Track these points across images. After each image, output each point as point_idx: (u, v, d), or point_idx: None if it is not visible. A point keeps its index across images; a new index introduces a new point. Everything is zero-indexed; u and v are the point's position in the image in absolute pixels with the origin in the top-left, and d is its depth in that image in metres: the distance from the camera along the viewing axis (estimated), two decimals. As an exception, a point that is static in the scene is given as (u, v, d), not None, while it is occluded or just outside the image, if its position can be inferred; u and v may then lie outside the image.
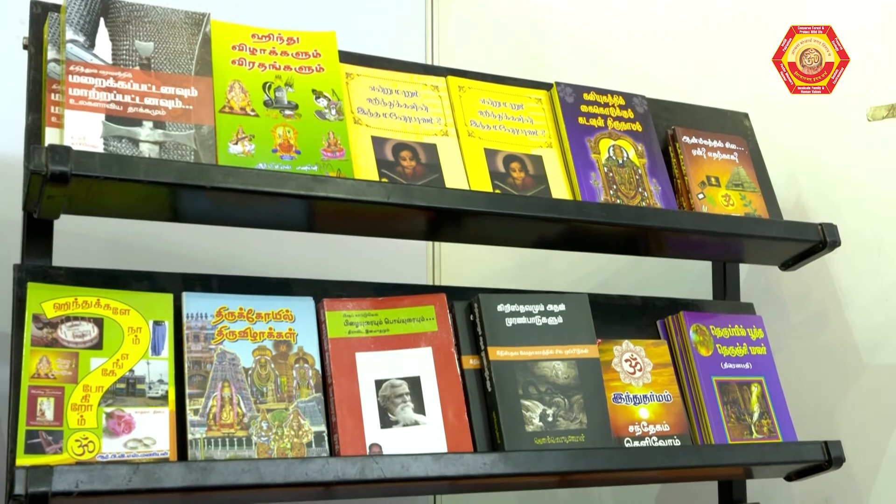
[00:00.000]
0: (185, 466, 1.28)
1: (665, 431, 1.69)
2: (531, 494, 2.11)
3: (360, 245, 1.94)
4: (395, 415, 1.49)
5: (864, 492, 1.91)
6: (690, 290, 2.09)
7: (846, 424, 1.93)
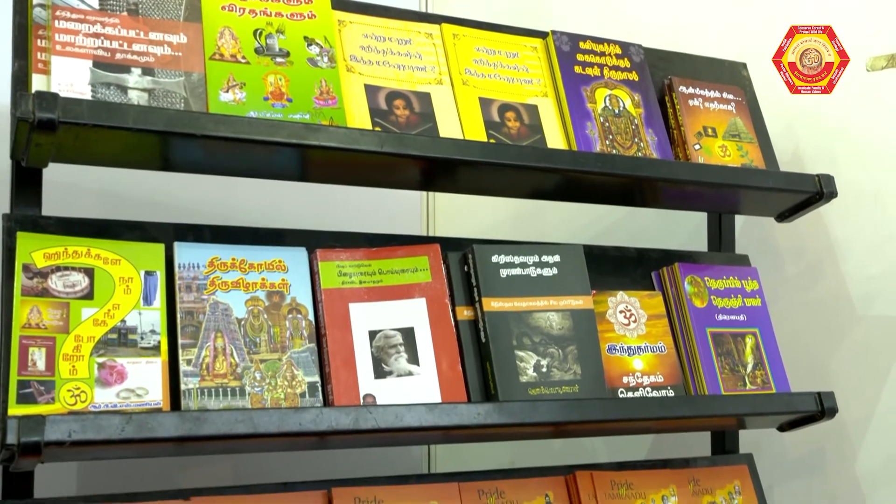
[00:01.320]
0: (178, 416, 1.27)
1: (659, 382, 1.69)
2: (525, 445, 2.11)
3: (353, 195, 1.92)
4: (388, 365, 1.48)
5: (855, 442, 1.92)
6: (685, 242, 2.09)
7: (839, 376, 1.93)
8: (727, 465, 1.86)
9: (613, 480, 1.70)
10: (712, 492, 1.81)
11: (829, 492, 1.96)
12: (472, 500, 1.59)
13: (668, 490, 1.75)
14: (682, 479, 1.78)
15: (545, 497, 1.65)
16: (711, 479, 1.82)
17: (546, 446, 2.22)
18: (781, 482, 2.01)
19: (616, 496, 1.69)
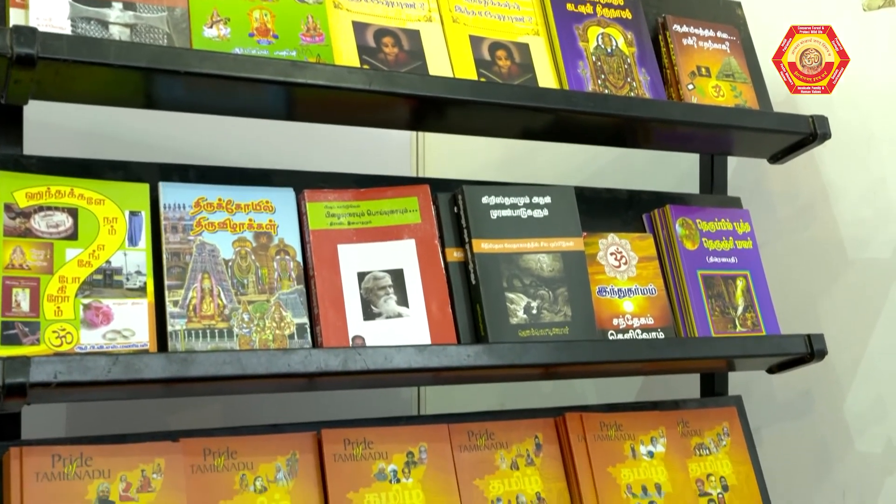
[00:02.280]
0: (165, 358, 1.26)
1: (649, 324, 1.69)
2: (514, 387, 2.12)
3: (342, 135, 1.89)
4: (377, 307, 1.47)
5: (844, 385, 1.93)
6: (677, 184, 2.07)
7: (829, 318, 1.94)
8: (716, 408, 1.87)
9: (603, 422, 1.70)
10: (701, 433, 1.82)
11: (817, 434, 1.97)
12: (461, 442, 1.59)
13: (657, 432, 1.76)
14: (670, 421, 1.79)
15: (534, 438, 1.65)
16: (700, 421, 1.83)
17: (536, 388, 2.23)
18: (769, 424, 2.02)
19: (605, 438, 1.69)
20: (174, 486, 1.35)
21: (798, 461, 1.98)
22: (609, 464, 1.67)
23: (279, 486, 1.43)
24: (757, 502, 1.80)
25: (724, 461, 1.81)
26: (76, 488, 1.29)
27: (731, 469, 1.81)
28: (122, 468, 1.33)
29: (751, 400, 1.92)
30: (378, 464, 1.50)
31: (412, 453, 1.53)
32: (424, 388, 2.23)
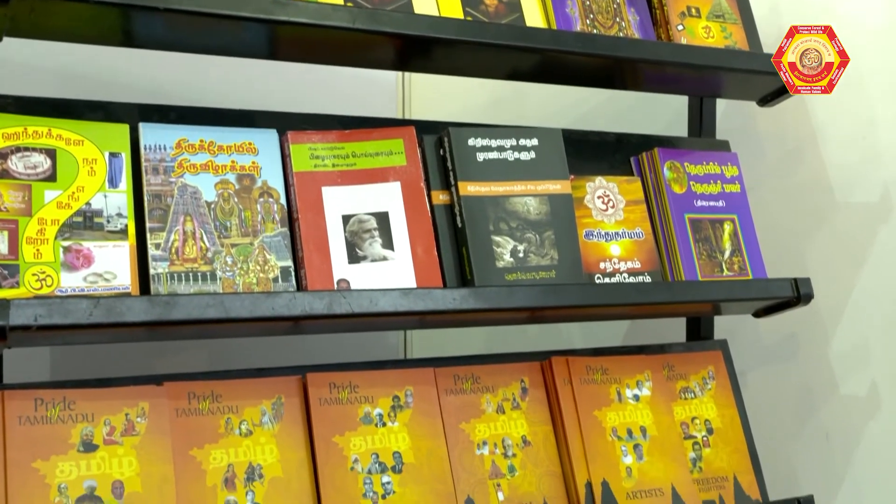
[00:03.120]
0: (147, 301, 1.25)
1: (636, 268, 1.68)
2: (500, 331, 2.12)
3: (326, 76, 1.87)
4: (362, 250, 1.46)
5: (829, 329, 1.93)
6: (666, 127, 2.05)
7: (816, 262, 1.93)
8: (702, 352, 1.87)
9: (589, 366, 1.70)
10: (686, 377, 1.82)
11: (802, 377, 1.98)
12: (447, 386, 1.59)
13: (643, 375, 1.76)
14: (656, 364, 1.79)
15: (520, 382, 1.65)
16: (686, 364, 1.83)
17: (522, 333, 2.23)
18: (755, 368, 2.03)
19: (591, 381, 1.69)
20: (159, 429, 1.34)
21: (782, 404, 1.99)
22: (595, 407, 1.68)
23: (265, 429, 1.43)
24: (741, 445, 1.81)
25: (709, 404, 1.82)
26: (59, 432, 1.28)
27: (716, 412, 1.82)
28: (105, 412, 1.32)
29: (736, 344, 1.92)
30: (364, 407, 1.50)
31: (398, 397, 1.53)
32: (411, 332, 2.23)
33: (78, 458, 1.28)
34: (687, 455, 1.75)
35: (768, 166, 2.00)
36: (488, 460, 1.57)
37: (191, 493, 1.35)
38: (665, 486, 1.69)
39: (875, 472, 1.87)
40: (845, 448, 1.90)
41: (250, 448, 1.41)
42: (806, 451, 1.95)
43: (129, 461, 1.31)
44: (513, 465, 1.59)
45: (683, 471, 1.72)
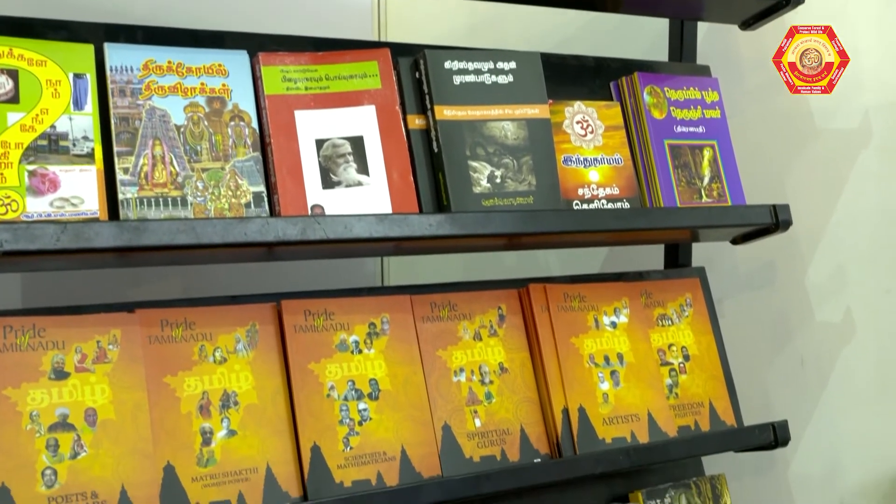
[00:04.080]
0: (116, 226, 1.22)
1: (615, 195, 1.66)
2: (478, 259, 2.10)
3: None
4: (337, 175, 1.43)
5: (806, 256, 1.93)
6: (646, 52, 2.02)
7: (795, 189, 1.92)
8: (679, 279, 1.87)
9: (566, 293, 1.70)
10: (664, 304, 1.82)
11: (779, 304, 1.98)
12: (424, 313, 1.58)
13: (621, 303, 1.76)
14: (634, 291, 1.79)
15: (498, 310, 1.64)
16: (663, 291, 1.83)
17: (499, 260, 2.21)
18: (732, 295, 2.03)
19: (569, 308, 1.69)
20: (131, 357, 1.33)
21: (758, 331, 2.00)
22: (572, 334, 1.68)
23: (239, 357, 1.41)
24: (717, 371, 1.82)
25: (686, 331, 1.82)
26: (29, 359, 1.26)
27: (693, 339, 1.82)
28: (76, 339, 1.30)
29: (714, 271, 1.92)
30: (339, 335, 1.49)
31: (374, 324, 1.52)
32: (388, 259, 2.21)
33: (49, 386, 1.27)
34: (663, 381, 1.75)
35: (749, 92, 1.98)
36: (465, 387, 1.57)
37: (165, 421, 1.34)
38: (641, 411, 1.69)
39: (848, 397, 1.89)
40: (820, 374, 1.92)
41: (225, 375, 1.40)
42: (781, 376, 1.97)
43: (101, 389, 1.30)
44: (490, 392, 1.58)
45: (660, 397, 1.72)
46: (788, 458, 1.94)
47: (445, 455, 1.51)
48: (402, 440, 1.48)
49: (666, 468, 1.82)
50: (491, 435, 1.56)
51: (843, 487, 1.88)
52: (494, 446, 1.55)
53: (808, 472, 1.92)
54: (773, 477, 1.96)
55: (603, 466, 1.57)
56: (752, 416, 1.83)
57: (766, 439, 1.73)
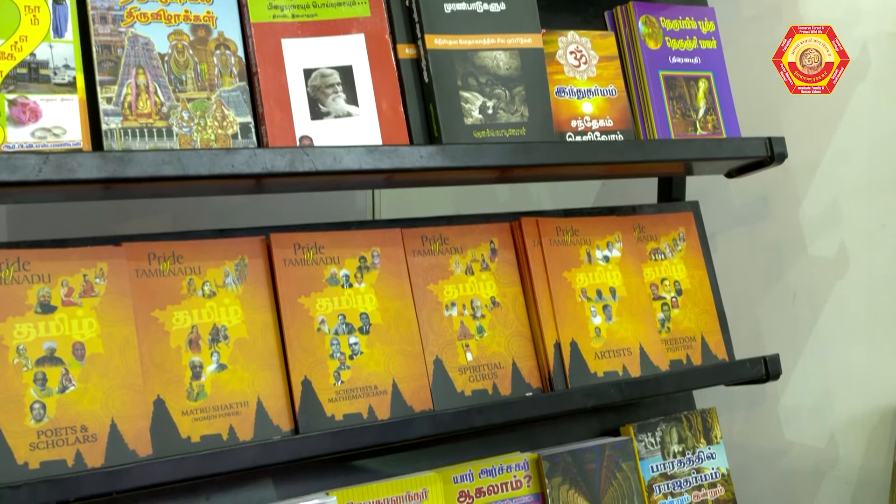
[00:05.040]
0: (100, 157, 1.19)
1: (608, 126, 1.64)
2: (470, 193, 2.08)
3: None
4: (325, 106, 1.40)
5: (801, 190, 1.92)
6: (641, -19, 1.97)
7: (790, 122, 1.90)
8: (673, 213, 1.85)
9: (559, 227, 1.68)
10: (657, 238, 1.81)
11: (772, 239, 1.97)
12: (415, 247, 1.56)
13: (614, 237, 1.74)
14: (627, 226, 1.77)
15: (490, 244, 1.63)
16: (656, 226, 1.81)
17: (491, 194, 2.20)
18: (725, 230, 2.01)
19: (561, 243, 1.67)
20: (119, 290, 1.31)
21: (751, 266, 1.99)
22: (564, 268, 1.66)
23: (228, 290, 1.40)
24: (709, 306, 1.81)
25: (679, 266, 1.81)
26: (15, 293, 1.25)
27: (686, 273, 1.81)
28: (62, 273, 1.29)
29: (707, 205, 1.90)
30: (330, 268, 1.47)
31: (364, 258, 1.50)
32: (379, 194, 2.19)
33: (36, 320, 1.25)
34: (655, 316, 1.75)
35: (746, 22, 1.94)
36: (457, 321, 1.56)
37: (154, 355, 1.33)
38: (633, 346, 1.69)
39: (840, 331, 1.89)
40: (812, 308, 1.91)
41: (214, 309, 1.38)
42: (773, 311, 1.96)
43: (88, 322, 1.28)
44: (481, 326, 1.58)
45: (652, 331, 1.72)
46: (779, 392, 1.95)
47: (437, 389, 1.50)
48: (393, 374, 1.47)
49: (657, 402, 1.83)
50: (482, 369, 1.55)
51: (833, 420, 1.89)
52: (486, 380, 1.55)
53: (798, 405, 1.93)
54: (763, 410, 1.97)
55: (594, 400, 1.57)
56: (744, 351, 1.83)
57: (758, 373, 1.73)
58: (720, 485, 1.76)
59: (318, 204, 1.90)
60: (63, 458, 1.22)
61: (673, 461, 1.72)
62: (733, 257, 1.99)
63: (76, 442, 1.23)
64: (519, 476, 1.58)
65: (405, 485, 1.47)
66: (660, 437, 1.72)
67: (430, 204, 2.08)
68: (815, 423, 1.91)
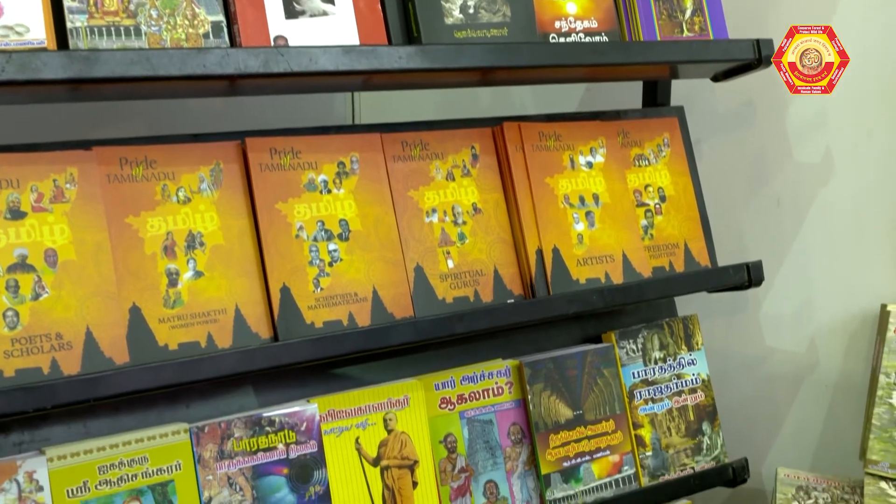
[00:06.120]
0: (66, 56, 1.15)
1: (592, 28, 1.59)
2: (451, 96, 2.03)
3: None
4: (300, 4, 1.35)
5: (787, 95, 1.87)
6: None
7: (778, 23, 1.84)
8: (657, 118, 1.82)
9: (542, 132, 1.65)
10: (641, 144, 1.78)
11: (757, 145, 1.94)
12: (395, 152, 1.53)
13: (597, 142, 1.71)
14: (611, 131, 1.74)
15: (471, 149, 1.60)
16: (641, 131, 1.79)
17: (473, 98, 2.15)
18: (710, 135, 1.99)
19: (544, 148, 1.64)
20: (90, 196, 1.28)
21: (735, 172, 1.97)
22: (547, 174, 1.64)
23: (204, 196, 1.37)
24: (693, 212, 1.80)
25: (663, 172, 1.79)
26: (-18, 198, 1.21)
27: (670, 180, 1.79)
28: (32, 178, 1.25)
29: (693, 111, 1.87)
30: (307, 174, 1.44)
31: (343, 163, 1.47)
32: (358, 98, 2.14)
33: (6, 226, 1.22)
34: (639, 222, 1.73)
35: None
36: (437, 228, 1.54)
37: (129, 262, 1.30)
38: (616, 252, 1.68)
39: (822, 237, 1.87)
40: (795, 214, 1.90)
41: (189, 216, 1.36)
42: (756, 217, 1.95)
43: (60, 229, 1.25)
44: (463, 233, 1.56)
45: (635, 238, 1.70)
46: (760, 299, 1.94)
47: (418, 296, 1.49)
48: (373, 281, 1.45)
49: (639, 309, 1.82)
50: (464, 276, 1.54)
51: (813, 326, 1.89)
52: (467, 287, 1.54)
53: (779, 311, 1.93)
54: (745, 317, 1.97)
55: (576, 307, 1.56)
56: (727, 258, 1.82)
57: (740, 279, 1.73)
58: (700, 390, 1.77)
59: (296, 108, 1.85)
60: (38, 365, 1.21)
61: (654, 367, 1.73)
62: (718, 163, 1.96)
63: (51, 350, 1.22)
64: (500, 383, 1.58)
65: (387, 392, 1.47)
66: (641, 344, 1.72)
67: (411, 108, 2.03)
68: (796, 329, 1.91)
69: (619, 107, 1.80)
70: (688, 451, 1.73)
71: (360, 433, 1.44)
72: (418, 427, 1.48)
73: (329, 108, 2.10)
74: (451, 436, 1.52)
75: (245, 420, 1.34)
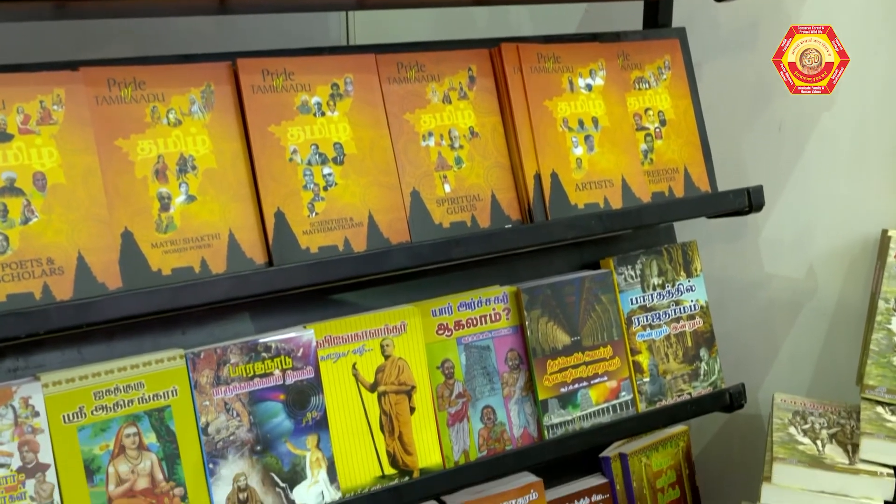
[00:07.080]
0: (48, -29, 1.11)
1: (594, -56, 1.54)
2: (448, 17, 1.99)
3: None
4: (292, -82, 1.30)
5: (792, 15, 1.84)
6: None
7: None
8: (658, 40, 1.78)
9: (540, 53, 1.61)
10: (641, 66, 1.74)
11: (759, 68, 1.90)
12: (390, 74, 1.49)
13: (597, 64, 1.68)
14: (611, 52, 1.70)
15: (468, 71, 1.56)
16: (641, 53, 1.75)
17: (470, 19, 2.11)
18: (712, 58, 1.95)
19: (542, 70, 1.61)
20: (77, 117, 1.25)
21: (737, 96, 1.94)
22: (545, 97, 1.60)
23: (195, 118, 1.34)
24: (693, 137, 1.77)
25: (664, 95, 1.76)
26: (-33, 120, 1.18)
27: (670, 103, 1.76)
28: (17, 99, 1.22)
29: (694, 33, 1.83)
30: (300, 96, 1.41)
31: (337, 85, 1.44)
32: (353, 18, 2.09)
33: (-8, 149, 1.19)
34: (638, 146, 1.70)
35: None
36: (434, 152, 1.51)
37: (119, 185, 1.28)
38: (615, 177, 1.65)
39: (824, 162, 1.85)
40: (797, 139, 1.87)
41: (180, 138, 1.33)
42: (758, 142, 1.92)
43: (48, 151, 1.22)
44: (459, 157, 1.53)
45: (634, 162, 1.68)
46: (760, 225, 1.93)
47: (414, 221, 1.47)
48: (369, 206, 1.43)
49: (638, 235, 1.81)
50: (461, 201, 1.52)
51: (813, 252, 1.88)
52: (464, 212, 1.52)
53: (779, 237, 1.92)
54: (744, 243, 1.96)
55: (575, 232, 1.54)
56: (728, 183, 1.80)
57: (741, 204, 1.70)
58: (698, 317, 1.76)
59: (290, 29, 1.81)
60: (30, 290, 1.19)
61: (652, 293, 1.72)
62: (719, 87, 1.93)
63: (42, 275, 1.20)
64: (498, 309, 1.57)
65: (383, 318, 1.46)
66: (640, 270, 1.71)
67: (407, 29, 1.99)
68: (795, 255, 1.90)
69: (620, 28, 1.76)
70: (685, 377, 1.73)
71: (357, 359, 1.43)
72: (415, 353, 1.48)
73: (323, 29, 2.05)
74: (448, 361, 1.52)
75: (241, 346, 1.33)
